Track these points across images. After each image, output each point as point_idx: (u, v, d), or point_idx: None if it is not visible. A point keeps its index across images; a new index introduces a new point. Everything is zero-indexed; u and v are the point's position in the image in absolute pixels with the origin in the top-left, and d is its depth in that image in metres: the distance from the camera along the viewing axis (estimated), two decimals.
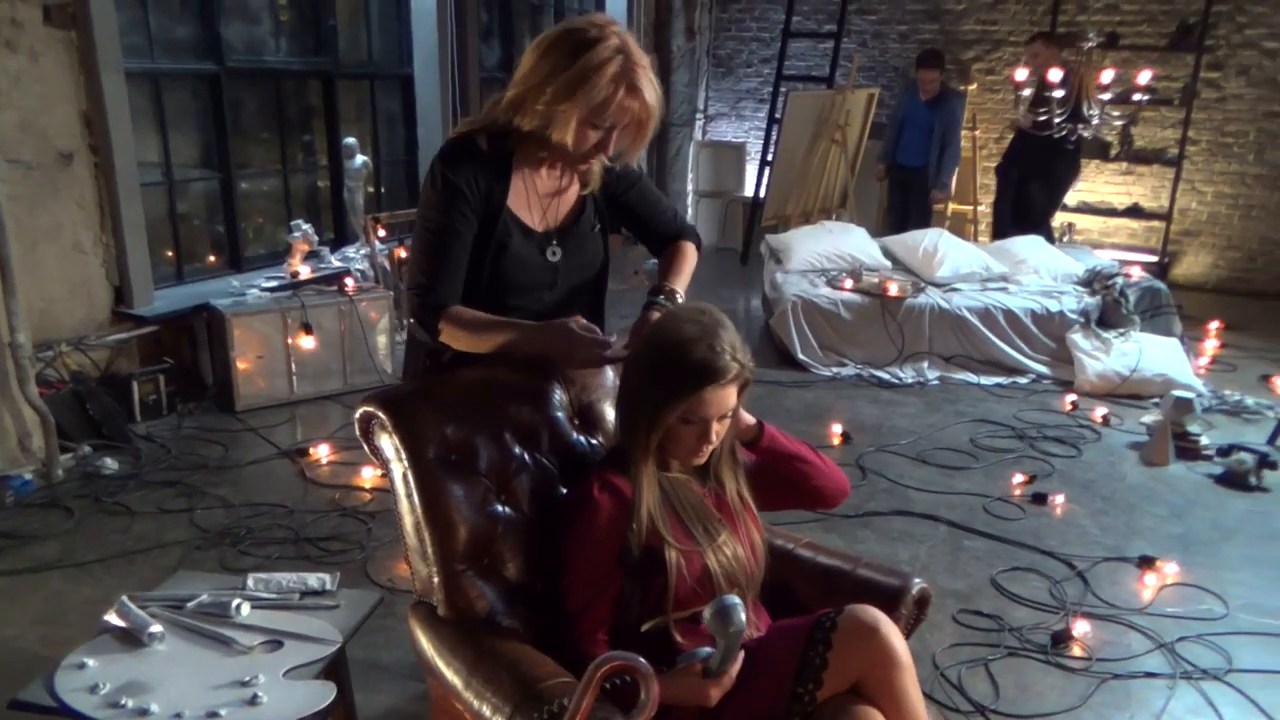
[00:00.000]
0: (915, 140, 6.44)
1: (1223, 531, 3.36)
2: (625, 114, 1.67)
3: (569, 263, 1.86)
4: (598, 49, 1.62)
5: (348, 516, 3.28)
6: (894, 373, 4.92)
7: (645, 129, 1.71)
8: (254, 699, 1.05)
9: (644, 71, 1.66)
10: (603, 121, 1.66)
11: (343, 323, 4.49)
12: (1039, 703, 2.38)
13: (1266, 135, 6.94)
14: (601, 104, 1.63)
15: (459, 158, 1.75)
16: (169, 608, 1.22)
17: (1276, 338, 5.88)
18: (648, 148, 1.86)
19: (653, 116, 1.68)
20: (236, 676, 1.10)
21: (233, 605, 1.23)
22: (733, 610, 1.37)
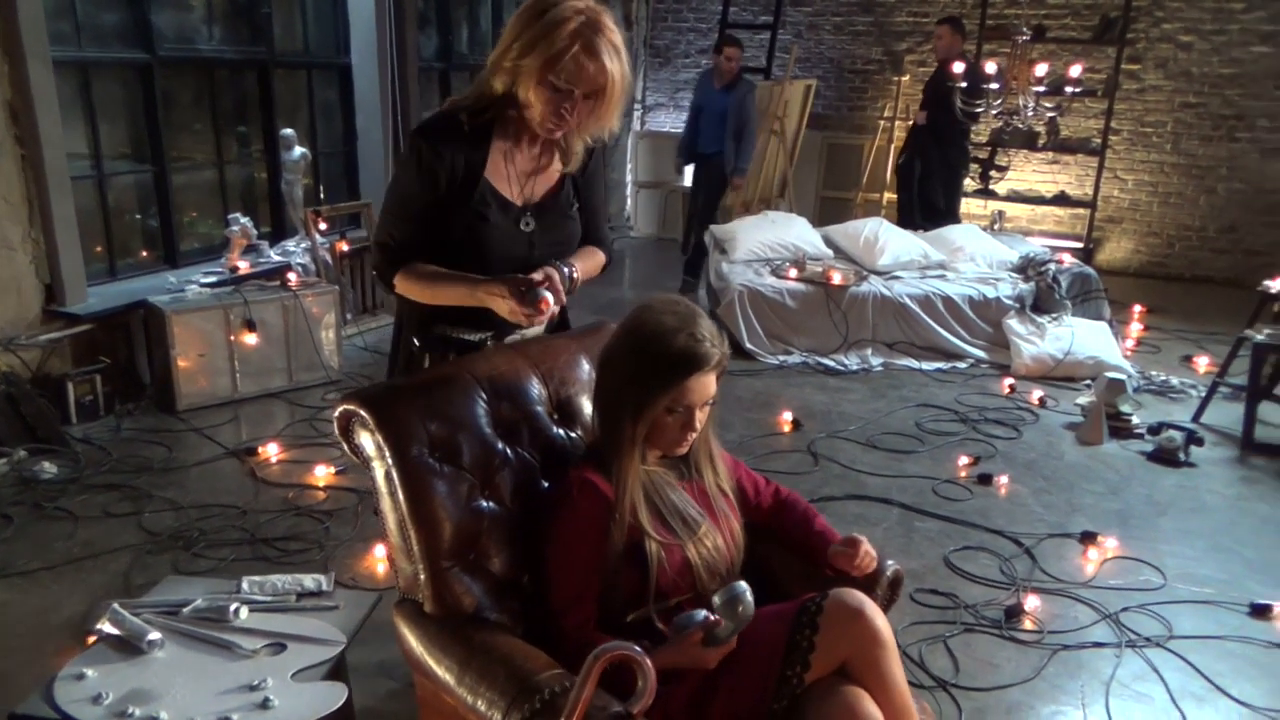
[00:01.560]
0: (711, 128, 6.26)
1: (1157, 506, 3.52)
2: (583, 75, 1.68)
3: (544, 237, 1.89)
4: (561, 8, 1.68)
5: (303, 516, 3.23)
6: (839, 360, 5.02)
7: (605, 98, 1.72)
8: (265, 702, 1.04)
9: (606, 38, 1.69)
10: (559, 79, 1.68)
11: (286, 318, 4.40)
12: (997, 675, 2.48)
13: (1183, 125, 7.24)
14: (555, 57, 1.66)
15: (435, 130, 1.80)
16: (164, 614, 1.19)
17: (1194, 320, 6.16)
18: None
19: (613, 85, 1.71)
20: (244, 681, 1.08)
21: (231, 609, 1.21)
22: (741, 596, 1.42)
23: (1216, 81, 7.05)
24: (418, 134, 1.81)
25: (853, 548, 1.69)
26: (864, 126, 8.07)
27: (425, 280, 1.81)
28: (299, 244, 5.14)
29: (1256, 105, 6.99)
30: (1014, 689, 2.43)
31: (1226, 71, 7.01)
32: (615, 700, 1.38)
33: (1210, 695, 2.44)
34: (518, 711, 1.39)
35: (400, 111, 5.89)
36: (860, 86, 8.13)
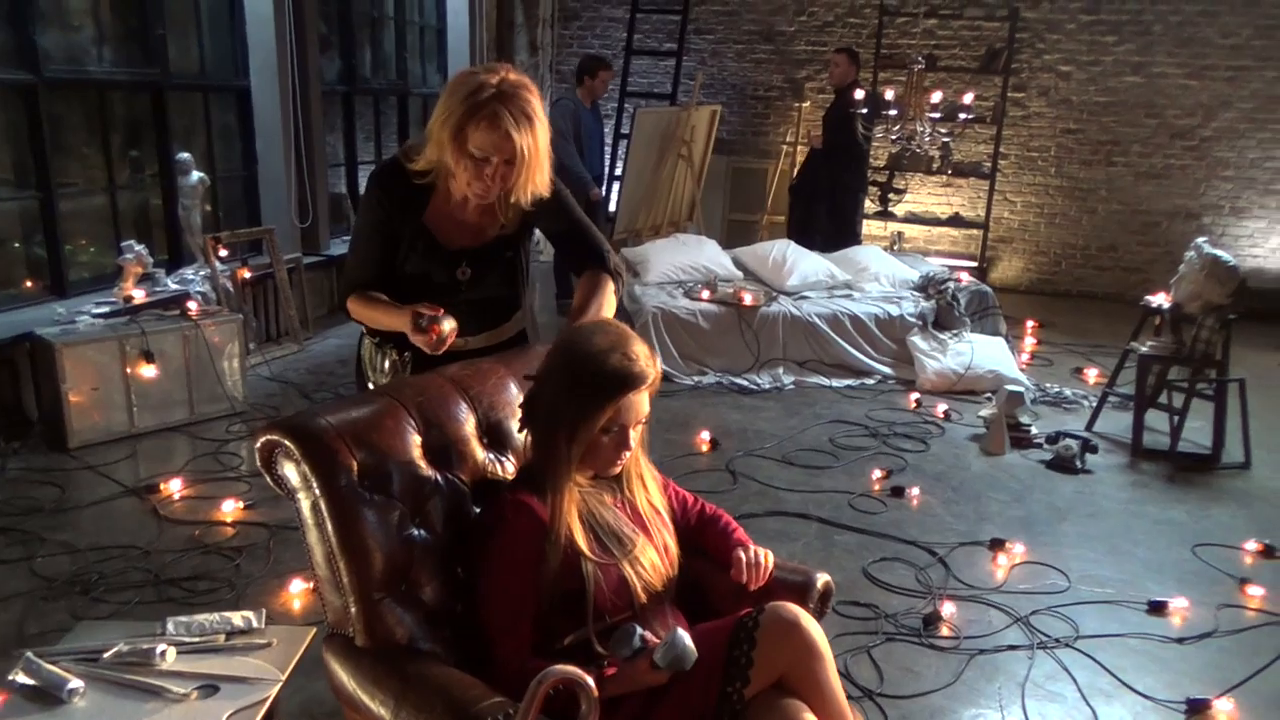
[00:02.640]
0: (597, 149, 6.52)
1: (1057, 512, 3.68)
2: (491, 144, 1.80)
3: (478, 279, 2.03)
4: (478, 78, 1.79)
5: (211, 553, 3.10)
6: (752, 379, 5.11)
7: (522, 164, 1.83)
8: None
9: (516, 107, 1.79)
10: (471, 145, 1.80)
11: (187, 349, 4.23)
12: (919, 682, 2.54)
13: (1064, 150, 7.66)
14: (461, 127, 1.79)
15: (385, 175, 1.98)
16: (82, 660, 1.13)
17: (1081, 334, 6.49)
18: None
19: (523, 152, 1.81)
20: None
21: (157, 651, 1.15)
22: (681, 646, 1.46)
23: (1094, 109, 7.49)
24: (373, 179, 2.02)
25: (735, 566, 1.71)
26: (767, 151, 8.27)
27: (365, 306, 2.00)
28: (198, 272, 4.95)
29: (1130, 132, 7.45)
30: (936, 694, 2.49)
31: (1102, 100, 7.45)
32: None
33: (1117, 691, 2.56)
34: None
35: (303, 136, 5.76)
36: (763, 112, 8.33)
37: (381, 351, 2.11)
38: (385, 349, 2.10)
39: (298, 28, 5.61)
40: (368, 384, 2.15)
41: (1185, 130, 7.33)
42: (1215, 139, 7.28)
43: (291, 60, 5.59)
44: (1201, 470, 4.17)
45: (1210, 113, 7.24)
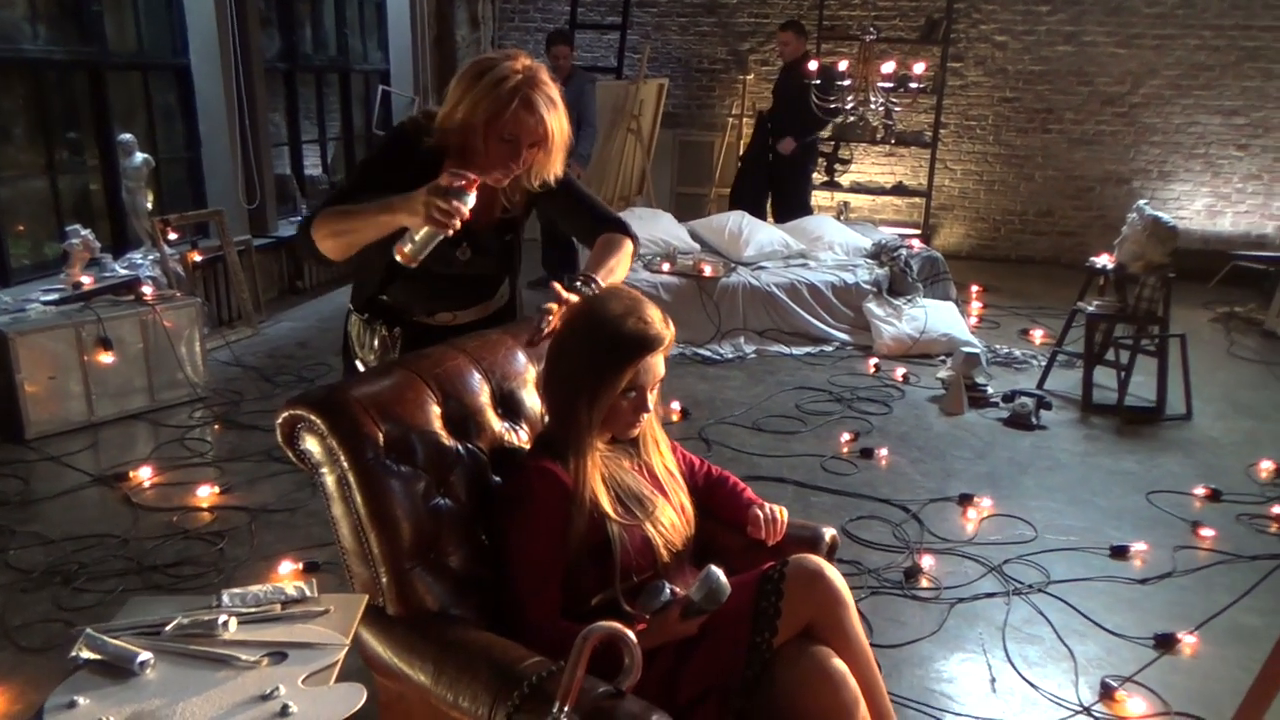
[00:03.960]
0: None
1: (1019, 466, 3.83)
2: (524, 128, 1.81)
3: (476, 260, 2.01)
4: (500, 67, 1.79)
5: (192, 539, 3.05)
6: (714, 349, 5.17)
7: (548, 147, 1.85)
8: (284, 710, 1.00)
9: (543, 92, 1.81)
10: (504, 132, 1.80)
11: (145, 334, 4.13)
12: (905, 631, 2.65)
13: (1001, 118, 7.86)
14: (498, 113, 1.78)
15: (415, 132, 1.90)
16: (143, 635, 1.13)
17: (1023, 296, 6.71)
18: None
19: (552, 135, 1.83)
20: (253, 692, 1.04)
21: (219, 623, 1.15)
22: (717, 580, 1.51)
23: (1029, 78, 7.69)
24: (401, 132, 1.94)
25: (754, 523, 1.78)
26: (714, 124, 8.31)
27: (341, 218, 1.78)
28: (146, 255, 4.82)
29: (1063, 99, 7.67)
30: (923, 642, 2.60)
31: (1037, 69, 7.66)
32: (601, 681, 1.41)
33: (1090, 630, 2.69)
34: (505, 702, 1.40)
35: (247, 115, 5.62)
36: (708, 85, 8.36)
37: (370, 329, 2.07)
38: (374, 326, 2.07)
39: (238, 3, 5.45)
40: (355, 363, 2.13)
41: (1115, 97, 7.57)
42: (1143, 105, 7.54)
43: (233, 37, 5.44)
44: (1148, 422, 4.37)
45: (1138, 80, 7.50)
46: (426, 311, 2.06)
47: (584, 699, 1.35)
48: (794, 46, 6.33)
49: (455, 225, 1.64)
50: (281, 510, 3.23)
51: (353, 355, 2.14)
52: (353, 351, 2.14)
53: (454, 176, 1.64)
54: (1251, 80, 7.32)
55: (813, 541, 1.86)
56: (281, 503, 3.27)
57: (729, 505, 1.87)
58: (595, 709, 1.35)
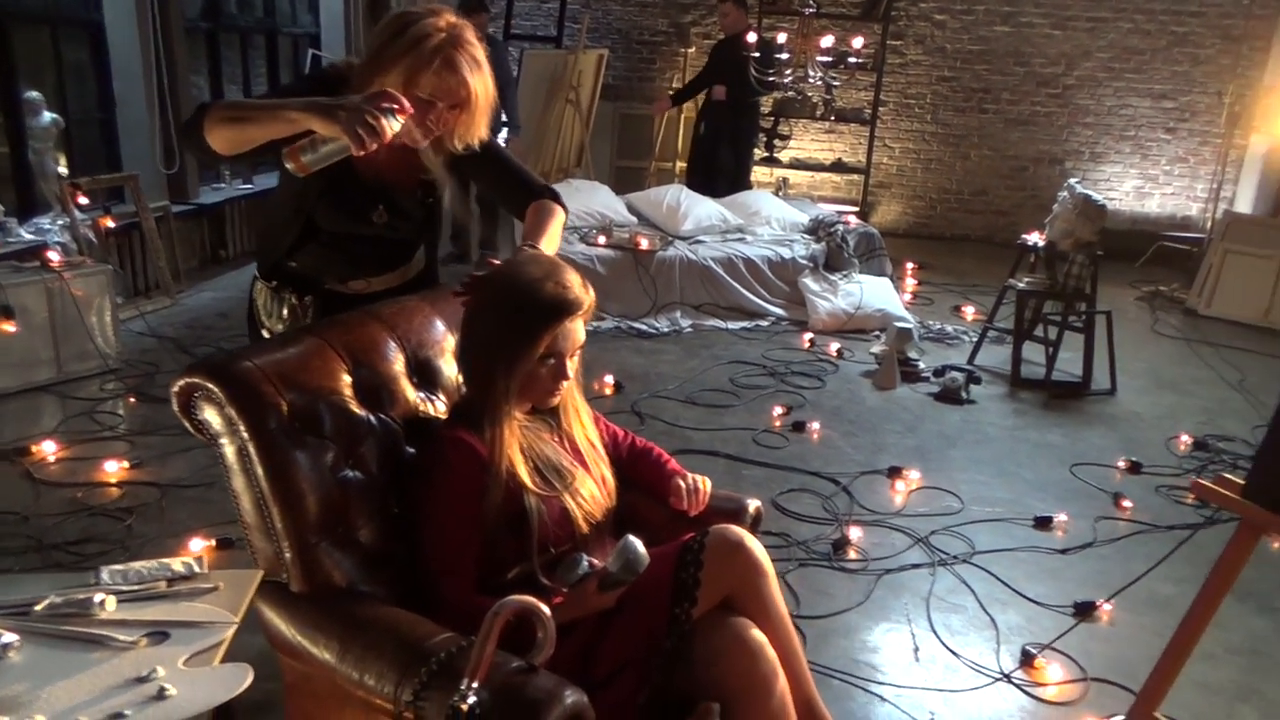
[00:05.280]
0: None
1: (947, 440, 3.87)
2: (445, 89, 1.72)
3: (394, 224, 1.92)
4: (422, 24, 1.70)
5: (98, 515, 2.92)
6: (650, 323, 5.13)
7: (470, 110, 1.76)
8: (161, 693, 0.93)
9: (467, 52, 1.72)
10: (422, 91, 1.71)
11: (51, 303, 3.93)
12: (832, 602, 2.65)
13: (939, 97, 7.92)
14: (417, 72, 1.69)
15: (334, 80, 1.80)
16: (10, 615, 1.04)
17: (956, 273, 6.79)
18: None
19: (475, 97, 1.75)
20: (128, 675, 0.96)
21: (95, 601, 1.07)
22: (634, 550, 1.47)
23: (967, 57, 7.76)
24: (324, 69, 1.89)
25: (675, 494, 1.74)
26: (654, 97, 8.20)
27: (243, 106, 1.63)
28: (55, 221, 4.59)
29: (1000, 80, 7.76)
30: (850, 613, 2.60)
31: (975, 48, 7.72)
32: (513, 656, 1.36)
33: (1012, 599, 2.73)
34: (412, 679, 1.34)
35: (165, 76, 5.38)
36: (649, 58, 8.27)
37: (279, 297, 1.96)
38: (283, 294, 1.95)
39: None
40: (262, 334, 2.01)
41: (1050, 79, 7.68)
42: (1077, 87, 7.66)
43: None
44: (1074, 397, 4.45)
45: (1072, 62, 7.61)
46: (339, 278, 1.97)
47: (495, 675, 1.30)
48: (734, 18, 6.28)
49: (372, 146, 1.51)
50: (195, 485, 3.11)
51: (259, 325, 2.02)
52: (259, 321, 2.02)
53: (390, 97, 1.54)
54: (1180, 65, 7.49)
55: (736, 513, 1.83)
56: (195, 478, 3.15)
57: (652, 477, 1.83)
58: (505, 685, 1.30)
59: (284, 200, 1.90)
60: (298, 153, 1.56)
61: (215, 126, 1.61)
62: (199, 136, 1.62)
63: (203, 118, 1.62)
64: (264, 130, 1.60)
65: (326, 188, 1.81)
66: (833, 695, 2.25)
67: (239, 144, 1.63)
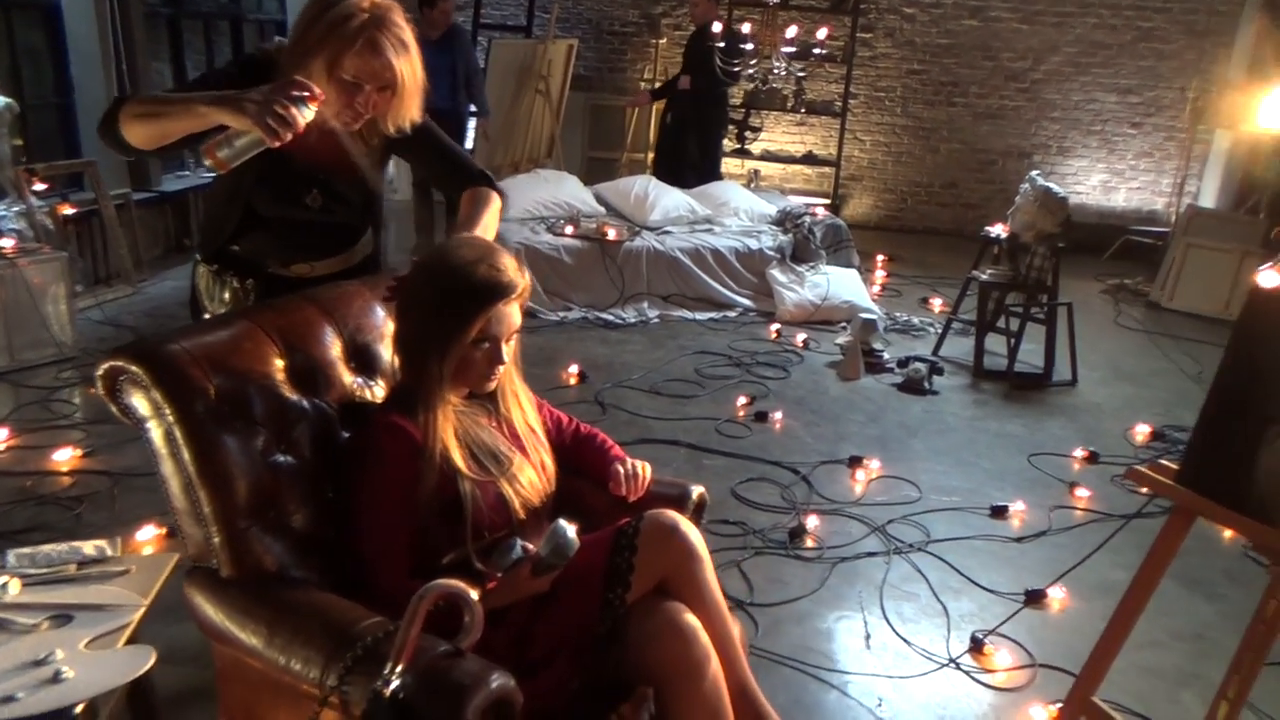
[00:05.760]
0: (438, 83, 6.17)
1: (909, 430, 3.89)
2: (369, 71, 1.69)
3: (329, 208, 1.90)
4: (345, 4, 1.67)
5: (48, 504, 2.88)
6: (617, 314, 5.12)
7: (396, 93, 1.74)
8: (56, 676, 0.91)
9: (391, 34, 1.70)
10: (346, 74, 1.69)
11: (4, 290, 3.87)
12: (786, 590, 2.65)
13: (910, 90, 7.94)
14: (339, 54, 1.67)
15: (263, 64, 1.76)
16: None
17: (926, 266, 6.82)
18: None
19: (402, 80, 1.72)
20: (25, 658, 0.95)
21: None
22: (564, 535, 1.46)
23: (936, 51, 7.78)
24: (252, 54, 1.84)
25: (615, 479, 1.73)
26: (625, 88, 8.20)
27: (156, 101, 1.60)
28: (10, 207, 4.51)
29: (968, 73, 7.79)
30: (803, 601, 2.61)
31: (944, 42, 7.75)
32: (441, 640, 1.34)
33: (965, 587, 2.75)
34: (337, 664, 1.32)
35: (124, 61, 5.30)
36: (620, 49, 8.24)
37: (220, 280, 1.93)
38: (224, 277, 1.93)
39: None
40: (203, 318, 1.99)
41: (1018, 73, 7.72)
42: (1044, 81, 7.71)
43: None
44: (1035, 388, 4.48)
45: (1040, 56, 7.66)
46: (281, 262, 1.94)
47: (420, 658, 1.29)
48: (704, 9, 6.26)
49: (286, 136, 1.49)
50: (148, 474, 3.03)
51: (201, 310, 1.99)
52: (201, 305, 1.99)
53: (299, 85, 1.51)
54: (1145, 60, 7.55)
55: (680, 498, 1.82)
56: (148, 466, 3.06)
57: (596, 463, 1.82)
58: (431, 668, 1.29)
59: (221, 187, 1.87)
60: (214, 149, 1.51)
61: (130, 122, 1.58)
62: (116, 131, 1.60)
63: (118, 111, 1.59)
64: (178, 125, 1.57)
65: (261, 174, 1.79)
66: (782, 683, 2.26)
67: (155, 139, 1.61)
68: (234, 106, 1.49)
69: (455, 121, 5.94)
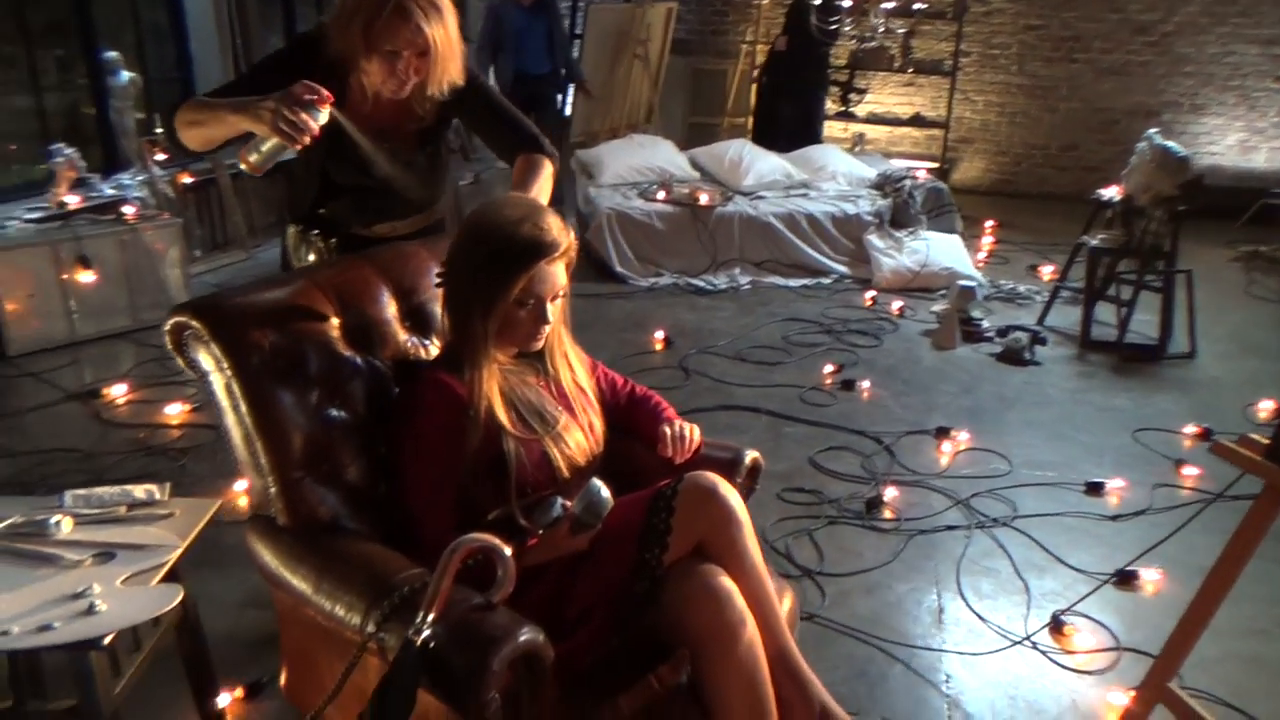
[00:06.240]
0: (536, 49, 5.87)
1: (1005, 401, 3.74)
2: (403, 38, 1.74)
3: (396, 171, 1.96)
4: None
5: (156, 455, 3.07)
6: (709, 280, 5.08)
7: (431, 59, 1.78)
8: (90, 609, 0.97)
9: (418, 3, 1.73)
10: (381, 43, 1.74)
11: (125, 254, 4.12)
12: (858, 561, 2.60)
13: (1026, 47, 7.54)
14: (370, 23, 1.72)
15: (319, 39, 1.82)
16: None
17: (1039, 232, 6.50)
18: None
19: (435, 45, 1.76)
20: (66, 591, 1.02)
21: (52, 522, 1.13)
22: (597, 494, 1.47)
23: (1056, 4, 7.35)
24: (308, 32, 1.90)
25: (661, 441, 1.71)
26: (727, 51, 8.07)
27: (200, 108, 1.72)
28: (135, 176, 4.79)
29: (1091, 27, 7.33)
30: (874, 572, 2.55)
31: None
32: (475, 592, 1.37)
33: (1050, 565, 2.63)
34: (376, 611, 1.37)
35: (240, 37, 5.52)
36: (722, 10, 8.11)
37: (306, 240, 2.04)
38: (310, 237, 2.03)
39: None
40: None
41: (1147, 25, 7.22)
42: (1176, 34, 7.19)
43: None
44: (1148, 360, 4.23)
45: (1172, 7, 7.14)
46: (363, 224, 2.02)
47: (452, 610, 1.32)
48: None
49: (303, 140, 1.56)
50: None
51: (290, 268, 2.10)
52: (290, 264, 2.10)
53: (307, 89, 1.58)
54: None
55: (731, 463, 1.80)
56: None
57: (648, 424, 1.81)
58: (461, 620, 1.32)
59: (300, 160, 1.95)
60: (245, 154, 1.63)
61: (182, 129, 1.71)
62: (176, 138, 1.73)
63: (173, 119, 1.71)
64: (216, 131, 1.68)
65: (331, 146, 1.85)
66: (845, 654, 2.22)
67: (203, 144, 1.73)
68: (253, 114, 1.57)
69: (554, 85, 5.99)
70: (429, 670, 1.28)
